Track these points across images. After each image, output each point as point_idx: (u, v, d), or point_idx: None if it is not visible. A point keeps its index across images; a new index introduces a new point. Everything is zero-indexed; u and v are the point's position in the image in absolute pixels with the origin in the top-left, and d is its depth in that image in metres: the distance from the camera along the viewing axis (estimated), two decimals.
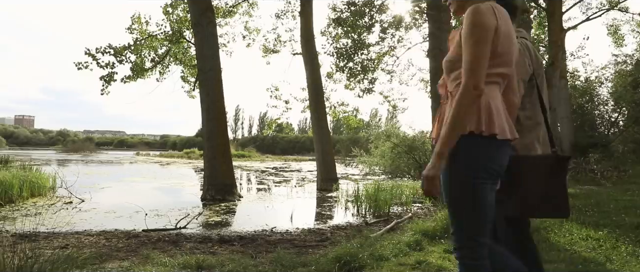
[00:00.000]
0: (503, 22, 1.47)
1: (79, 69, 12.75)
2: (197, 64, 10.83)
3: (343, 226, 6.34)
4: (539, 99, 1.89)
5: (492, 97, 1.47)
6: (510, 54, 1.50)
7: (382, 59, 14.92)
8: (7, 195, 7.75)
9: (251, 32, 16.30)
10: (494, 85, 1.50)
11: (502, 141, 1.46)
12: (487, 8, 1.45)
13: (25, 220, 6.12)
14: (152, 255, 4.03)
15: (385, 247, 4.04)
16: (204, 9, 10.14)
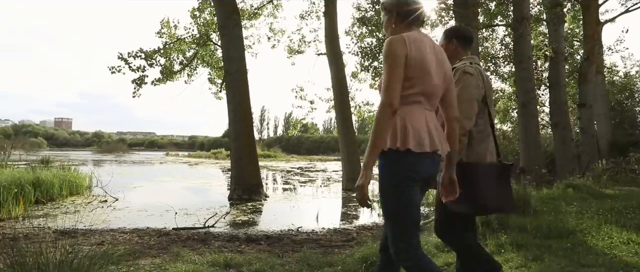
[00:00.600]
0: (415, 50, 1.70)
1: (113, 73, 13.26)
2: (224, 66, 11.04)
3: (369, 226, 6.31)
4: (488, 116, 2.23)
5: (409, 116, 1.70)
6: (423, 76, 1.71)
7: None
8: (48, 193, 8.18)
9: (276, 33, 16.47)
10: (413, 104, 1.72)
11: (419, 154, 1.67)
12: (399, 39, 1.71)
13: (65, 217, 6.43)
14: (182, 253, 4.15)
15: None
16: (230, 12, 10.33)
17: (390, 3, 1.92)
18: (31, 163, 11.51)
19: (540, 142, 10.53)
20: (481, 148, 2.18)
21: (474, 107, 2.13)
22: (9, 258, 2.41)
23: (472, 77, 2.16)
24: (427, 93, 1.74)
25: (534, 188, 7.41)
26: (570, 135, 11.37)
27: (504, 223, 4.40)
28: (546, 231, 4.14)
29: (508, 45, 13.64)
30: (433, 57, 1.76)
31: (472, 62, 2.23)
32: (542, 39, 12.52)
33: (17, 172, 8.75)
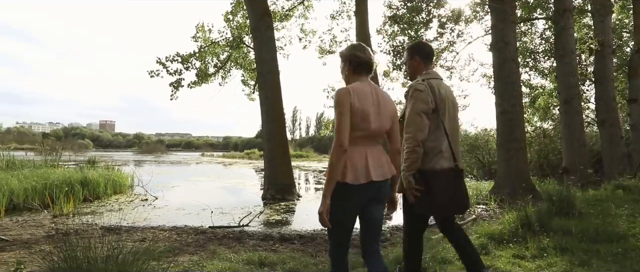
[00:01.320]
0: (358, 100, 2.05)
1: (152, 77, 13.80)
2: (257, 68, 11.24)
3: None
4: (442, 126, 2.43)
5: (351, 156, 2.03)
6: (363, 121, 2.05)
7: (441, 55, 14.39)
8: (95, 192, 8.67)
9: (307, 34, 16.55)
10: (355, 145, 2.05)
11: (357, 185, 2.02)
12: (345, 91, 2.06)
13: (110, 215, 6.79)
14: (218, 250, 4.27)
15: (448, 250, 3.89)
16: (262, 15, 10.50)
17: (345, 53, 2.29)
18: (79, 163, 12.22)
19: (585, 141, 9.97)
20: (437, 157, 2.40)
21: (424, 120, 2.37)
22: (62, 252, 2.58)
23: (421, 93, 2.39)
24: (367, 135, 2.10)
25: (579, 189, 7.03)
26: (619, 132, 10.68)
27: (546, 225, 4.21)
28: (593, 235, 3.93)
29: (549, 39, 13.00)
30: (374, 104, 2.12)
31: (425, 79, 2.46)
32: (587, 31, 11.85)
33: (67, 172, 9.32)
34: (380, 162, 2.13)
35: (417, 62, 2.58)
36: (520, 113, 8.81)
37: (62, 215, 6.67)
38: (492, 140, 14.42)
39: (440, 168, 2.39)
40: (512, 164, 8.42)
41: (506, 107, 8.67)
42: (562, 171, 9.67)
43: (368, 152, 2.10)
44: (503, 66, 8.83)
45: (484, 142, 14.96)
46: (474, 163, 15.20)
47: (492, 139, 14.58)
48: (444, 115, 2.44)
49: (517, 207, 4.69)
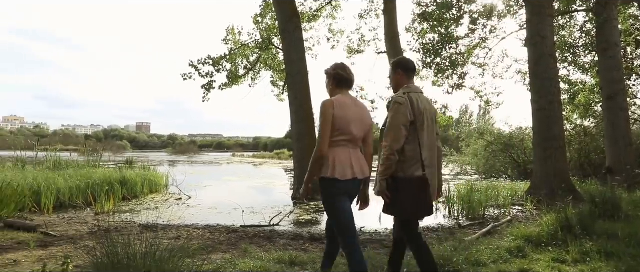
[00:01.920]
0: (340, 110, 2.47)
1: (185, 79, 14.25)
2: (286, 69, 11.34)
3: (434, 227, 6.10)
4: (418, 137, 2.59)
5: (337, 155, 2.47)
6: (346, 128, 2.48)
7: (473, 52, 14.00)
8: (133, 191, 9.03)
9: (335, 34, 16.55)
10: (340, 147, 2.49)
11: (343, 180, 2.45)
12: (328, 102, 2.48)
13: (147, 213, 7.06)
14: (249, 249, 4.34)
15: (482, 252, 3.78)
16: (290, 16, 10.59)
17: (330, 71, 2.70)
18: (118, 164, 12.78)
19: (631, 139, 9.40)
20: (416, 166, 2.58)
21: (402, 131, 2.55)
22: (104, 248, 2.70)
23: (401, 106, 2.57)
24: (349, 139, 2.52)
25: (625, 190, 6.64)
26: None
27: (589, 228, 4.00)
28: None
29: (589, 32, 12.36)
30: (355, 114, 2.55)
31: (405, 92, 2.64)
32: (633, 22, 11.16)
33: (108, 171, 9.76)
34: (360, 163, 2.59)
35: (399, 75, 2.76)
36: (558, 110, 8.44)
37: (104, 213, 7.00)
38: (528, 139, 13.90)
39: (418, 176, 2.58)
40: (550, 163, 8.07)
41: (543, 105, 8.32)
42: (605, 171, 9.16)
43: (351, 154, 2.54)
44: (539, 62, 8.47)
45: (519, 141, 14.43)
46: (508, 163, 14.69)
47: (527, 137, 14.04)
48: (422, 127, 2.60)
49: (556, 208, 4.49)
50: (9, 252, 4.07)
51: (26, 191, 6.53)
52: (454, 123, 31.32)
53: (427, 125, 2.61)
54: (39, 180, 7.43)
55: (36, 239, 4.65)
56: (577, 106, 13.82)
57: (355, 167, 2.52)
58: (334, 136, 2.47)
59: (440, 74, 13.50)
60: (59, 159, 11.22)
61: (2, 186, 5.83)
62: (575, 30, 13.34)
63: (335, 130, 2.46)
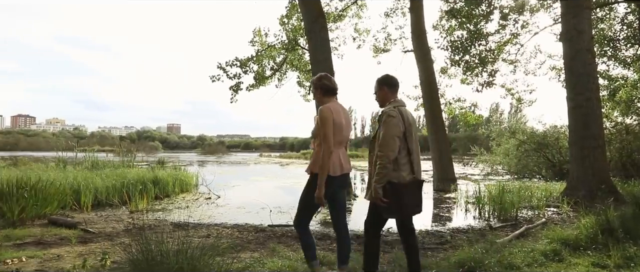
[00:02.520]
0: (336, 115, 2.86)
1: (213, 81, 14.57)
2: (312, 69, 11.39)
3: (464, 229, 5.96)
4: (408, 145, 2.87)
5: (335, 155, 2.89)
6: (339, 131, 2.88)
7: (504, 48, 13.59)
8: (164, 190, 9.32)
9: (361, 33, 16.47)
10: (335, 149, 2.89)
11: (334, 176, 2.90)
12: (327, 108, 2.86)
13: (178, 212, 7.27)
14: (277, 248, 4.39)
15: (515, 255, 3.67)
16: (316, 16, 10.62)
17: (316, 82, 3.09)
18: (150, 164, 13.22)
19: None
20: (404, 172, 2.85)
21: (397, 142, 2.78)
22: (139, 245, 2.81)
23: (394, 119, 2.81)
24: (340, 140, 2.93)
25: None
26: None
27: (632, 231, 3.80)
28: None
29: (631, 25, 11.72)
30: (345, 118, 2.96)
31: (395, 106, 2.91)
32: None
33: (141, 171, 10.12)
34: (346, 159, 3.00)
35: (385, 91, 3.03)
36: (596, 107, 8.05)
37: (138, 211, 7.26)
38: (564, 137, 13.33)
39: (410, 180, 2.87)
40: (588, 163, 7.72)
41: (580, 102, 7.96)
42: None
43: (340, 153, 2.95)
44: (576, 57, 8.11)
45: (553, 140, 13.85)
46: (542, 162, 14.13)
47: (563, 136, 13.47)
48: (410, 137, 2.88)
49: (596, 210, 4.29)
50: (53, 247, 4.29)
51: (67, 189, 6.87)
52: (484, 122, 30.45)
53: (413, 135, 2.91)
54: (79, 179, 7.80)
55: (77, 235, 4.88)
56: (618, 103, 13.12)
57: (344, 164, 2.97)
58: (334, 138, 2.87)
59: (469, 71, 13.17)
60: (96, 159, 11.74)
61: (45, 185, 6.16)
62: (616, 23, 12.69)
63: (333, 135, 2.85)
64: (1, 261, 3.67)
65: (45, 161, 13.18)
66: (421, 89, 13.04)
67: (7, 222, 5.39)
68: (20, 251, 4.06)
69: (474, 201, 7.77)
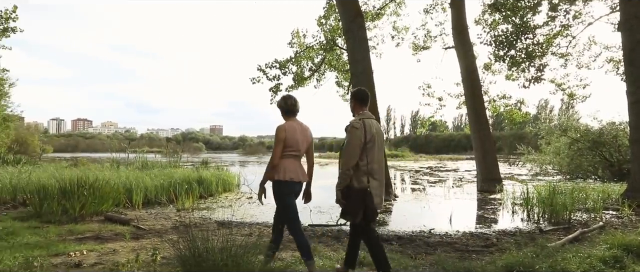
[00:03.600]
0: (289, 132, 3.34)
1: (253, 83, 14.92)
2: (350, 69, 11.36)
3: (511, 231, 5.70)
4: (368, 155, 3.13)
5: (286, 164, 3.34)
6: (293, 145, 3.34)
7: (553, 41, 12.84)
8: (208, 190, 9.66)
9: (400, 31, 16.22)
10: (289, 158, 3.36)
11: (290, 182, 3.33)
12: (281, 127, 3.35)
13: (221, 211, 7.51)
14: (318, 248, 4.42)
15: (569, 260, 3.45)
16: (354, 16, 10.59)
17: (279, 103, 3.52)
18: (194, 164, 13.75)
19: None
20: (365, 178, 3.11)
21: (357, 151, 3.08)
22: (186, 242, 2.94)
23: (357, 130, 3.11)
24: (295, 153, 3.39)
25: None
26: None
27: None
28: None
29: None
30: (299, 134, 3.40)
31: (361, 118, 3.20)
32: None
33: (186, 171, 10.57)
34: (302, 170, 3.44)
35: (353, 103, 3.36)
36: None
37: (184, 209, 7.59)
38: (623, 135, 12.39)
39: (365, 186, 3.10)
40: None
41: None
42: None
43: (296, 164, 3.40)
44: (637, 48, 7.53)
45: (611, 137, 12.92)
46: (598, 162, 13.22)
47: (622, 133, 12.53)
48: (373, 147, 3.14)
49: None
50: (109, 242, 4.59)
51: (121, 188, 7.31)
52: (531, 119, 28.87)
53: (376, 146, 3.17)
54: (130, 179, 8.27)
55: (130, 231, 5.19)
56: None
57: (299, 173, 3.38)
58: (285, 150, 3.32)
59: (514, 67, 12.57)
60: (146, 160, 12.39)
61: (102, 184, 6.60)
62: None
63: (286, 147, 3.31)
64: (66, 253, 3.98)
65: (101, 161, 14.11)
66: (463, 87, 12.63)
67: (70, 217, 5.83)
68: (82, 245, 4.37)
69: (521, 202, 7.42)
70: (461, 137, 61.51)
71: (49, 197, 6.13)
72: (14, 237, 4.57)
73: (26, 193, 7.28)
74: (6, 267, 3.14)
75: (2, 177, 7.90)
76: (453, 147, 61.12)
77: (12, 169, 9.53)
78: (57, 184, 6.53)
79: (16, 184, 7.58)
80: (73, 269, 3.49)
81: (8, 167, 10.36)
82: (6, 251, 3.92)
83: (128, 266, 3.45)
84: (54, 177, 7.70)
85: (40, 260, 3.40)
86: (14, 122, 19.58)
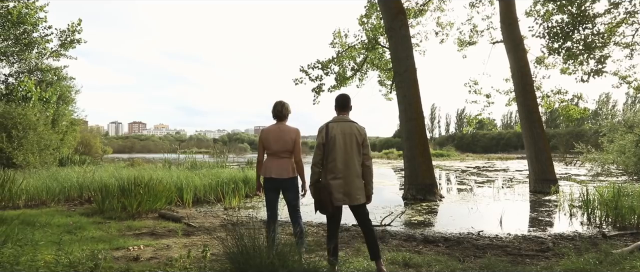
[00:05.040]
0: (265, 135, 3.87)
1: (296, 84, 15.11)
2: (393, 67, 11.20)
3: (569, 235, 5.35)
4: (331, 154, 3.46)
5: (267, 162, 3.87)
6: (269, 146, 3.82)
7: (616, 30, 11.85)
8: (253, 190, 9.90)
9: (444, 27, 15.75)
10: (269, 157, 3.87)
11: (267, 178, 3.82)
12: (264, 130, 3.91)
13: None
14: (362, 248, 4.40)
15: (638, 268, 3.18)
16: (396, 13, 10.42)
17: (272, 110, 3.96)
18: (240, 164, 14.17)
19: None
20: (328, 175, 3.45)
21: (319, 150, 3.48)
22: (234, 240, 3.04)
23: (320, 133, 3.52)
24: (273, 153, 3.81)
25: None
26: None
27: None
28: None
29: None
30: (276, 135, 3.81)
31: (328, 122, 3.55)
32: None
33: (232, 171, 10.91)
34: (279, 167, 3.78)
35: (335, 108, 3.66)
36: None
37: (231, 208, 7.85)
38: None
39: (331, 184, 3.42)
40: None
41: None
42: None
43: (275, 161, 3.80)
44: None
45: None
46: None
47: None
48: (333, 147, 3.43)
49: None
50: (163, 238, 4.86)
51: (172, 187, 7.70)
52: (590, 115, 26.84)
53: (339, 146, 3.43)
54: (181, 178, 8.69)
55: (181, 228, 5.45)
56: None
57: (273, 170, 3.77)
58: (265, 150, 3.85)
59: (571, 59, 11.76)
60: (195, 160, 12.95)
61: (155, 183, 6.99)
62: None
63: (265, 148, 3.84)
64: (126, 248, 4.26)
65: (154, 161, 14.94)
66: (513, 82, 12.02)
67: (128, 214, 6.23)
68: (139, 240, 4.66)
69: (580, 204, 6.94)
70: (511, 135, 58.64)
71: (110, 195, 6.60)
72: (81, 232, 4.96)
73: (91, 191, 7.87)
74: (75, 258, 3.42)
75: (70, 176, 8.60)
76: (502, 145, 58.40)
77: (78, 169, 10.34)
78: (117, 183, 7.01)
79: (82, 182, 8.22)
80: (132, 262, 3.73)
81: (75, 167, 11.27)
82: (75, 243, 4.28)
83: (180, 262, 3.63)
84: (114, 176, 8.27)
85: (104, 253, 3.66)
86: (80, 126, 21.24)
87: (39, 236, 4.51)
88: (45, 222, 5.45)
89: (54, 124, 16.36)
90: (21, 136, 12.83)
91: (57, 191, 7.73)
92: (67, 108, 18.19)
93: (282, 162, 3.78)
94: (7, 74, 16.33)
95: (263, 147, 3.84)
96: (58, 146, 15.30)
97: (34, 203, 7.39)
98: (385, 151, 45.59)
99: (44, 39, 16.40)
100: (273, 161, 3.78)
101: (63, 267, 3.25)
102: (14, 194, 7.15)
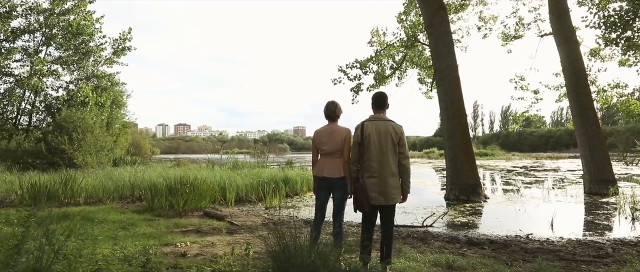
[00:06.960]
0: (317, 136, 3.88)
1: (335, 84, 15.11)
2: (433, 64, 10.93)
3: (632, 241, 4.96)
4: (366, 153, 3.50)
5: (319, 162, 3.88)
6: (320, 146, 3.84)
7: None
8: (293, 189, 10.04)
9: (487, 21, 15.14)
10: (321, 157, 3.87)
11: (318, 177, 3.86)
12: (317, 131, 3.92)
13: (306, 209, 7.76)
14: (404, 249, 4.33)
15: None
16: (436, 9, 10.16)
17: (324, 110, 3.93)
18: (280, 164, 14.40)
19: None
20: (365, 174, 3.47)
21: (356, 149, 3.54)
22: (275, 238, 3.10)
23: (356, 131, 3.58)
24: (324, 152, 3.81)
25: None
26: None
27: None
28: None
29: None
30: (327, 136, 3.79)
31: (363, 121, 3.56)
32: None
33: (273, 171, 11.13)
34: (331, 166, 3.77)
35: (371, 106, 3.65)
36: None
37: (272, 207, 8.00)
38: None
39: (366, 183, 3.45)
40: None
41: None
42: None
43: (326, 161, 3.81)
44: None
45: None
46: None
47: None
48: (369, 145, 3.45)
49: None
50: (208, 236, 5.04)
51: (216, 186, 7.97)
52: None
53: (374, 145, 3.43)
54: (224, 178, 8.98)
55: (225, 226, 5.63)
56: None
57: (325, 169, 3.79)
58: (319, 151, 3.87)
59: (630, 50, 10.90)
60: (236, 160, 13.33)
61: (200, 182, 7.28)
62: None
63: (317, 148, 3.89)
64: (174, 244, 4.47)
65: (199, 162, 15.54)
66: (564, 77, 11.33)
67: (175, 212, 6.54)
68: (186, 237, 4.87)
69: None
70: (562, 133, 55.40)
71: (158, 194, 6.95)
72: (133, 228, 5.26)
73: (141, 190, 8.32)
74: (129, 253, 3.64)
75: (123, 176, 9.15)
76: (552, 144, 55.28)
77: (129, 169, 10.98)
78: (164, 183, 7.36)
79: (133, 181, 8.71)
80: (180, 258, 3.90)
81: (127, 167, 11.97)
82: (128, 239, 4.55)
83: (225, 259, 3.75)
84: (162, 176, 8.70)
85: (154, 249, 3.86)
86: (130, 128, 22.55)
87: (98, 231, 4.84)
88: (102, 218, 5.84)
89: (108, 127, 17.50)
90: (80, 138, 13.83)
91: (112, 190, 8.26)
92: (119, 111, 19.39)
93: (334, 161, 3.78)
94: (68, 81, 17.71)
95: (317, 148, 3.90)
96: (112, 147, 16.35)
97: (92, 200, 7.93)
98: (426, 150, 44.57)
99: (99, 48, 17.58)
100: (326, 161, 3.81)
101: (118, 260, 3.47)
102: (75, 192, 7.72)
